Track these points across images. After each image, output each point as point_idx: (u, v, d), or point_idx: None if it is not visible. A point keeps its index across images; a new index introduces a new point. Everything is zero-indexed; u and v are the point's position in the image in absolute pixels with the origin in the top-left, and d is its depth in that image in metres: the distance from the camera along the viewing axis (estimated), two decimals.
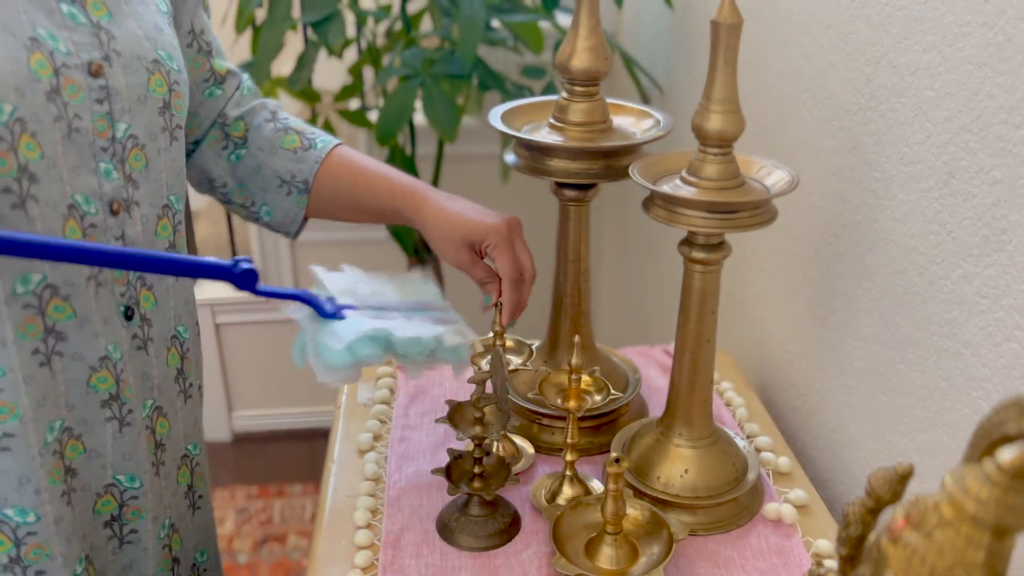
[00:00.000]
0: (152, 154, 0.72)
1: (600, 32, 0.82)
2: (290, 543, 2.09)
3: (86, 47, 0.66)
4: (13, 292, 0.64)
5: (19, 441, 0.66)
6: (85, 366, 0.69)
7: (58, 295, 0.66)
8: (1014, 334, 0.64)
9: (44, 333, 0.66)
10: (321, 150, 0.87)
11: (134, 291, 0.72)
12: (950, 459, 0.73)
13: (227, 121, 0.87)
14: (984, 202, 0.66)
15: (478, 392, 0.77)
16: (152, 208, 0.73)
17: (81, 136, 0.65)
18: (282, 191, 0.87)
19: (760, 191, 0.75)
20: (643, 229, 1.68)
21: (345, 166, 0.87)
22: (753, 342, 1.13)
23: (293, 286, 2.33)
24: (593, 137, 0.84)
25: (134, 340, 0.73)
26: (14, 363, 0.65)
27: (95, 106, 0.66)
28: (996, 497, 0.37)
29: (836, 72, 0.87)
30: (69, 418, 0.69)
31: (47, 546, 0.69)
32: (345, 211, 0.89)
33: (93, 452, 0.71)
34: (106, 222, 0.68)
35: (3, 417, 0.65)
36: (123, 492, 0.74)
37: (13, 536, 0.67)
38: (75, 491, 0.71)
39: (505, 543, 0.79)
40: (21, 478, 0.66)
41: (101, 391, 0.70)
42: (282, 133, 0.87)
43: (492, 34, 1.53)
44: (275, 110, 0.89)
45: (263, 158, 0.87)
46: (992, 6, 0.64)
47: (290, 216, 0.89)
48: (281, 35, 1.40)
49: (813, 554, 0.78)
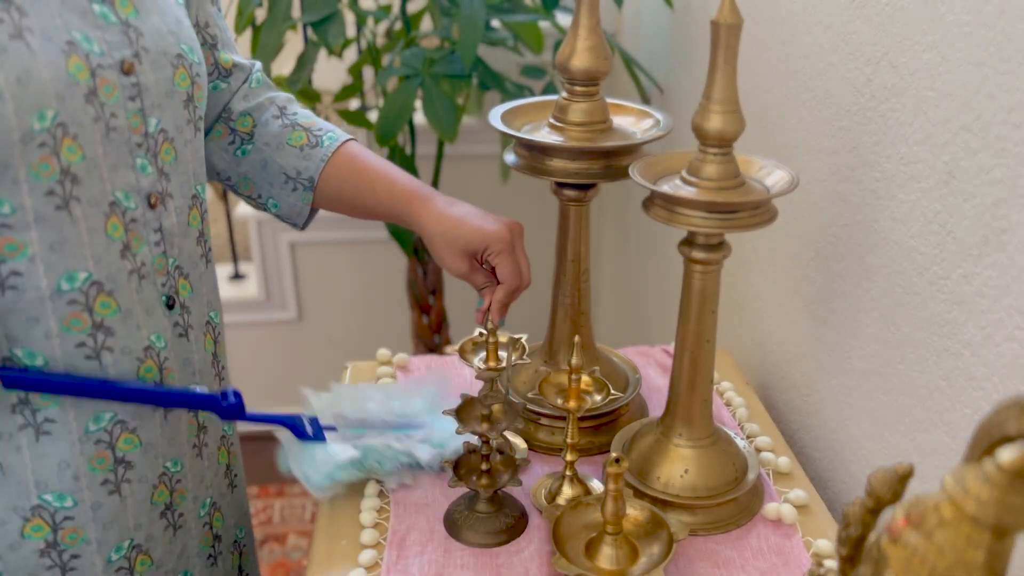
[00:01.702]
0: (180, 146, 0.73)
1: (600, 32, 0.82)
2: (290, 543, 2.09)
3: (118, 46, 0.66)
4: (58, 289, 0.65)
5: (60, 427, 0.68)
6: (133, 358, 0.70)
7: (103, 291, 0.67)
8: (1014, 334, 0.64)
9: (92, 328, 0.67)
10: (327, 148, 0.86)
11: (173, 281, 0.74)
12: (950, 459, 0.73)
13: (232, 116, 0.87)
14: (984, 202, 0.66)
15: (486, 389, 0.77)
16: (184, 199, 0.74)
17: (118, 134, 0.66)
18: (288, 187, 0.87)
19: (760, 191, 0.75)
20: (643, 229, 1.68)
21: (349, 166, 0.87)
22: (753, 342, 1.13)
23: (293, 286, 2.33)
24: (593, 137, 0.84)
25: (175, 328, 0.74)
26: (57, 354, 0.66)
27: (128, 103, 0.67)
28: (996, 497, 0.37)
29: (836, 72, 0.87)
30: (122, 411, 0.71)
31: (83, 531, 0.70)
32: (350, 209, 0.89)
33: (148, 444, 0.73)
34: (145, 216, 0.70)
35: (46, 403, 0.67)
36: (172, 478, 0.76)
37: (51, 521, 0.69)
38: (129, 482, 0.72)
39: (512, 540, 0.79)
40: (60, 463, 0.68)
41: (148, 381, 0.72)
42: (289, 129, 0.87)
43: (492, 34, 1.53)
44: (284, 105, 0.89)
45: (269, 153, 0.87)
46: (992, 6, 0.64)
47: (296, 210, 0.89)
48: (281, 35, 1.40)
49: (813, 554, 0.78)
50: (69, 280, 0.65)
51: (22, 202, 0.62)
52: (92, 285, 0.67)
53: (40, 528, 0.69)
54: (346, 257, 2.26)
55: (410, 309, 1.89)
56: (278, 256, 2.29)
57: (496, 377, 0.77)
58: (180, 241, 0.74)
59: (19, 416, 0.67)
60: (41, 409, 0.67)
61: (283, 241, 2.26)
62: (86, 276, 0.66)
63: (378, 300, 2.34)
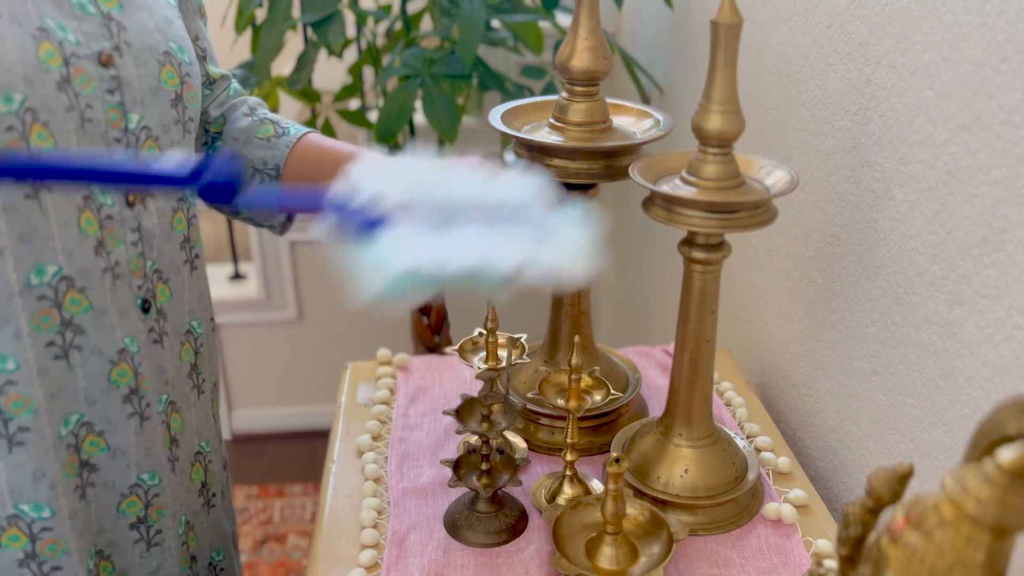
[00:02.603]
0: (166, 146, 0.72)
1: (600, 32, 0.82)
2: (290, 543, 2.09)
3: (96, 37, 0.65)
4: (27, 284, 0.63)
5: (34, 435, 0.66)
6: (105, 360, 0.69)
7: (74, 287, 0.66)
8: (1014, 334, 0.64)
9: (60, 326, 0.66)
10: (293, 136, 0.85)
11: (151, 284, 0.72)
12: (950, 459, 0.73)
13: (208, 119, 0.87)
14: (984, 202, 0.66)
15: (486, 389, 0.77)
16: (167, 201, 0.73)
17: (94, 127, 0.65)
18: (255, 180, 0.86)
19: (760, 191, 0.75)
20: (643, 229, 1.68)
21: (314, 150, 0.85)
22: (753, 342, 1.13)
23: (293, 286, 2.33)
24: (593, 137, 0.84)
25: (150, 333, 0.72)
26: (29, 356, 0.64)
27: (107, 96, 0.66)
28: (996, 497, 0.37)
29: (836, 72, 0.87)
30: (89, 413, 0.69)
31: (63, 541, 0.68)
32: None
33: (118, 450, 0.71)
34: (122, 214, 0.68)
35: (18, 411, 0.65)
36: (147, 492, 0.74)
37: (29, 531, 0.67)
38: (93, 486, 0.71)
39: (512, 540, 0.79)
40: (36, 472, 0.66)
41: (122, 386, 0.70)
42: (258, 124, 0.87)
43: (492, 34, 1.53)
44: (255, 106, 0.89)
45: (237, 148, 0.86)
46: (992, 6, 0.64)
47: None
48: (281, 35, 1.40)
49: (813, 554, 0.78)
50: (38, 274, 0.64)
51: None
52: (62, 280, 0.65)
53: (17, 539, 0.67)
54: None
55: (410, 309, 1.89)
56: (278, 256, 2.29)
57: (496, 377, 0.77)
58: (161, 244, 0.72)
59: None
60: (14, 418, 0.65)
61: (283, 241, 2.26)
62: (56, 270, 0.64)
63: None
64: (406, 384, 1.03)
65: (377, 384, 1.03)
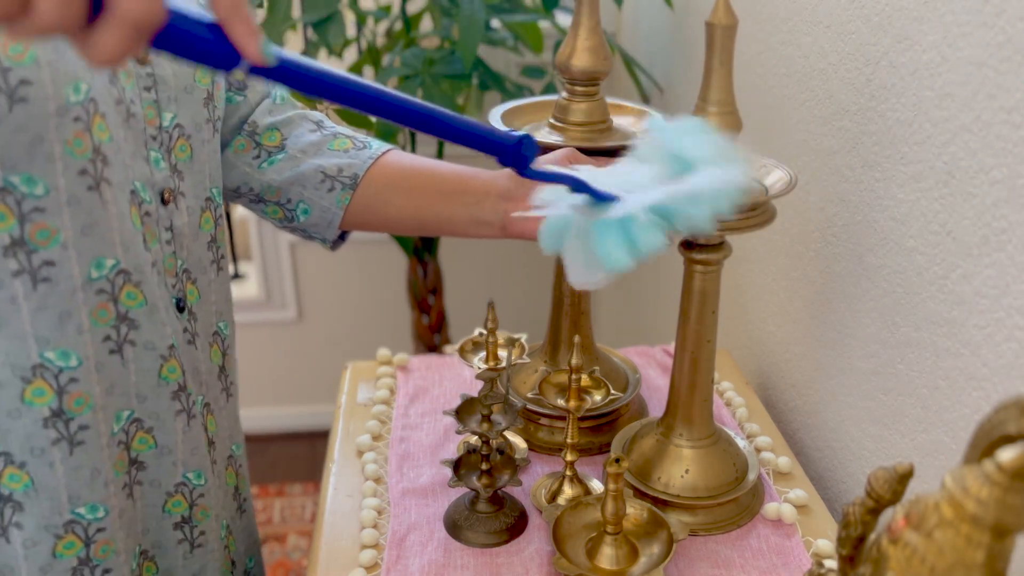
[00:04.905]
0: (197, 145, 0.71)
1: (600, 32, 0.82)
2: (290, 543, 2.09)
3: None
4: (88, 277, 0.62)
5: (92, 432, 0.65)
6: (156, 355, 0.68)
7: (130, 281, 0.65)
8: (1014, 334, 0.64)
9: (116, 320, 0.65)
10: (376, 150, 0.82)
11: (182, 284, 0.71)
12: (950, 459, 0.73)
13: (258, 130, 0.83)
14: (984, 202, 0.66)
15: (486, 389, 0.77)
16: (196, 200, 0.72)
17: (136, 122, 0.65)
18: (323, 187, 0.81)
19: (759, 191, 0.75)
20: None
21: (400, 164, 0.81)
22: (753, 342, 1.13)
23: (293, 286, 2.33)
24: (593, 137, 0.84)
25: (184, 333, 0.72)
26: (89, 351, 0.64)
27: (144, 93, 0.66)
28: (996, 497, 0.37)
29: (836, 72, 0.87)
30: (139, 410, 0.68)
31: (114, 542, 0.68)
32: (395, 213, 0.82)
33: (165, 448, 0.70)
34: (158, 212, 0.68)
35: (79, 409, 0.64)
36: (192, 491, 0.73)
37: (84, 535, 0.66)
38: (140, 484, 0.70)
39: (512, 540, 0.79)
40: (93, 471, 0.66)
41: (171, 382, 0.69)
42: (331, 138, 0.83)
43: (492, 34, 1.54)
44: (320, 121, 0.85)
45: (304, 159, 0.82)
46: (992, 6, 0.64)
47: (327, 217, 0.82)
48: (281, 35, 1.40)
49: (813, 554, 0.78)
50: (98, 267, 0.63)
51: (56, 182, 0.59)
52: (119, 273, 0.64)
53: (73, 545, 0.66)
54: (346, 257, 2.26)
55: (410, 309, 1.89)
56: (278, 256, 2.29)
57: (496, 377, 0.77)
58: (190, 243, 0.72)
59: (52, 430, 0.63)
60: (75, 417, 0.64)
61: (283, 241, 2.26)
62: (113, 263, 0.63)
63: (378, 300, 2.34)
64: (406, 384, 1.03)
65: (377, 384, 1.03)
